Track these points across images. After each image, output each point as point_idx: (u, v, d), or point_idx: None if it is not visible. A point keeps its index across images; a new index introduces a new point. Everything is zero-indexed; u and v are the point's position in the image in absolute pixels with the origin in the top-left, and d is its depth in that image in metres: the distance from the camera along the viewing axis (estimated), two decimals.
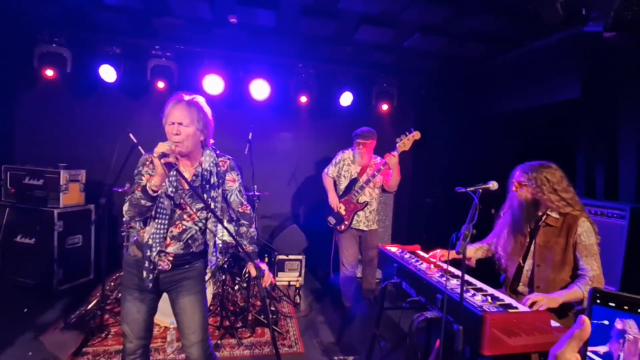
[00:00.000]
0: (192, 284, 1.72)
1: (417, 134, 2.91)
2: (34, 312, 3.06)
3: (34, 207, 3.45)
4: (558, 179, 1.76)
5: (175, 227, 1.64)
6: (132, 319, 1.66)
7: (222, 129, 4.87)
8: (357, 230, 3.20)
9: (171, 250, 1.64)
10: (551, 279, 1.73)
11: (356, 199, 3.14)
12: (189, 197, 1.66)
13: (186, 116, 1.59)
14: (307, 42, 3.69)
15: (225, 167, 1.76)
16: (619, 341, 0.49)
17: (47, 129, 4.08)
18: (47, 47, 3.60)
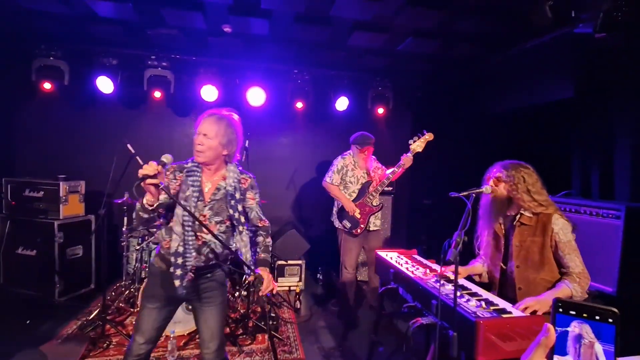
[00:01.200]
0: (216, 294, 1.78)
1: (430, 135, 2.96)
2: (36, 324, 3.08)
3: (35, 218, 3.49)
4: (534, 181, 1.78)
5: (196, 239, 1.66)
6: (148, 326, 1.71)
7: None
8: (367, 231, 3.26)
9: (192, 263, 1.66)
10: (532, 279, 1.74)
11: (370, 202, 3.20)
12: (208, 209, 1.69)
13: (212, 129, 1.65)
14: (301, 48, 3.72)
15: (247, 185, 1.80)
16: (576, 346, 0.52)
17: (47, 141, 4.12)
18: (45, 61, 3.64)
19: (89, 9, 2.96)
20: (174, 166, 1.68)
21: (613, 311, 0.51)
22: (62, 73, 3.70)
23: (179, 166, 1.70)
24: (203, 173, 1.70)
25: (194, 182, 1.65)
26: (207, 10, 2.98)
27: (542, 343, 0.53)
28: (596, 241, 2.34)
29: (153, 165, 1.47)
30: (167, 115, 4.51)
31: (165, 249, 1.68)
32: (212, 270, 1.76)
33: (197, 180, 1.66)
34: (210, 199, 1.68)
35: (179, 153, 4.76)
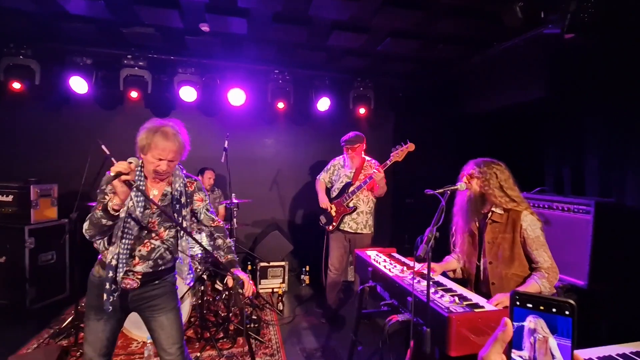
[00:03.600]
0: (167, 300, 1.73)
1: (411, 146, 2.96)
2: (4, 333, 2.95)
3: (3, 224, 3.34)
4: (506, 177, 1.81)
5: (143, 246, 1.64)
6: (96, 338, 1.63)
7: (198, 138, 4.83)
8: (345, 232, 3.24)
9: (140, 269, 1.63)
10: (504, 275, 1.77)
11: (346, 202, 3.19)
12: (157, 216, 1.66)
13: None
14: (281, 48, 3.70)
15: (193, 187, 1.79)
16: (530, 340, 0.51)
17: (16, 143, 3.97)
18: (14, 60, 3.51)
19: (60, 7, 2.86)
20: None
21: (570, 303, 0.49)
22: (32, 72, 3.57)
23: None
24: (147, 180, 1.66)
25: (137, 193, 1.59)
26: (183, 8, 2.93)
27: (499, 338, 0.52)
28: (568, 236, 2.41)
29: (125, 163, 1.41)
30: (144, 115, 4.33)
31: (105, 257, 1.62)
32: (160, 276, 1.71)
33: (141, 188, 1.59)
34: (159, 205, 1.60)
35: None
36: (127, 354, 2.70)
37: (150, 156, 1.58)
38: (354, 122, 4.58)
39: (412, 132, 3.89)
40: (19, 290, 3.29)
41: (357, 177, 3.22)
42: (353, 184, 3.20)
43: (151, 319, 1.72)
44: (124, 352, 2.73)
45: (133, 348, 2.78)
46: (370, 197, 3.25)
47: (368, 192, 3.22)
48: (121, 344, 2.81)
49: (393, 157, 3.00)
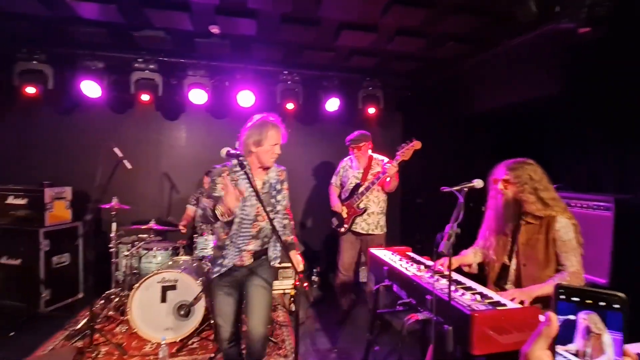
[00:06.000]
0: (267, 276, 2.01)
1: (417, 144, 2.93)
2: (20, 335, 2.97)
3: (19, 227, 3.38)
4: (540, 177, 1.75)
5: (253, 227, 1.94)
6: (225, 312, 1.96)
7: (208, 140, 4.88)
8: (356, 234, 3.20)
9: (251, 248, 1.94)
10: (537, 277, 1.72)
11: (356, 204, 3.15)
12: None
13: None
14: (290, 49, 3.70)
15: (283, 176, 2.08)
16: (585, 337, 0.48)
17: (30, 147, 4.03)
18: (27, 65, 3.56)
19: (72, 11, 2.90)
20: (226, 169, 1.95)
21: (619, 296, 0.47)
22: (45, 77, 3.62)
23: (230, 170, 1.96)
24: (252, 172, 1.95)
25: (248, 183, 1.86)
26: (193, 10, 2.94)
27: (544, 333, 0.50)
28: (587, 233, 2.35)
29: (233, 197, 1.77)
30: (155, 118, 4.45)
31: (223, 240, 1.92)
32: (264, 253, 2.02)
33: (249, 181, 1.85)
34: (261, 193, 1.92)
35: (168, 156, 4.70)
36: (142, 355, 2.70)
37: (267, 145, 1.89)
38: (363, 122, 4.56)
39: (420, 131, 3.85)
40: (33, 293, 3.32)
41: (365, 177, 3.19)
42: (362, 184, 3.17)
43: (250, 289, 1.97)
44: (139, 353, 2.74)
45: (147, 350, 2.79)
46: (381, 197, 3.21)
47: (378, 192, 3.19)
48: (135, 345, 2.83)
49: (399, 156, 2.96)
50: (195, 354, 2.74)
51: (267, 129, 1.91)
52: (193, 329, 2.91)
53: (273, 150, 1.91)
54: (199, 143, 4.62)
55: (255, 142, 1.90)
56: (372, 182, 3.07)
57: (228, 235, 1.90)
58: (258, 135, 1.90)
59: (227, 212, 1.78)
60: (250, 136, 1.91)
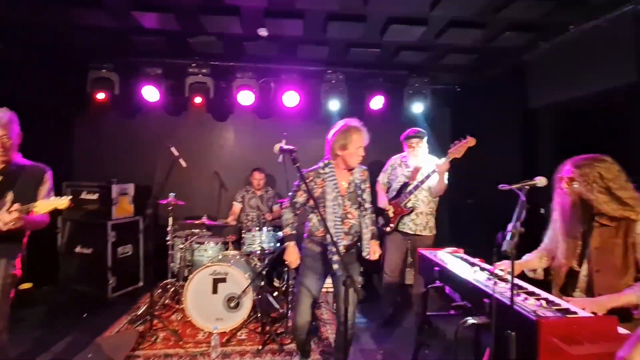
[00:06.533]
0: (355, 267, 2.24)
1: (471, 141, 2.80)
2: (91, 317, 3.29)
3: (90, 220, 3.75)
4: (614, 175, 1.54)
5: (344, 224, 2.12)
6: (312, 287, 2.16)
7: (253, 140, 5.03)
8: (404, 234, 3.10)
9: (344, 244, 2.12)
10: (613, 286, 1.53)
11: (403, 203, 3.06)
12: (348, 200, 2.14)
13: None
14: (334, 48, 3.71)
15: (365, 176, 2.25)
16: None
17: (100, 147, 4.45)
18: (98, 73, 3.93)
19: (136, 22, 3.15)
20: (311, 173, 2.15)
21: None
22: (112, 84, 3.97)
23: (315, 173, 2.16)
24: (337, 173, 2.12)
25: (335, 184, 2.09)
26: (243, 14, 3.06)
27: None
28: None
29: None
30: (206, 120, 4.70)
31: (318, 236, 2.13)
32: (353, 247, 2.20)
33: (336, 182, 2.10)
34: (347, 193, 2.12)
35: (218, 155, 4.92)
36: (195, 342, 2.86)
37: (353, 148, 2.06)
38: (409, 120, 4.43)
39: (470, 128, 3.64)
40: (102, 280, 3.66)
41: (414, 176, 3.09)
42: (410, 183, 3.08)
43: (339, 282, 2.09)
44: (192, 340, 2.90)
45: (200, 338, 2.95)
46: (430, 196, 3.09)
47: (428, 192, 3.07)
48: (189, 333, 3.00)
49: (451, 153, 2.83)
50: (244, 345, 2.84)
51: (351, 133, 2.07)
52: (242, 321, 3.02)
53: (358, 153, 2.07)
54: (245, 143, 4.80)
55: (341, 146, 2.07)
56: (421, 180, 2.97)
57: (320, 234, 2.10)
58: (343, 140, 2.07)
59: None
60: (337, 141, 2.09)
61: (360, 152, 2.10)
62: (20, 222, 1.80)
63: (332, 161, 2.15)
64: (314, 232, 2.17)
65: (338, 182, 2.11)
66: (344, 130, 2.11)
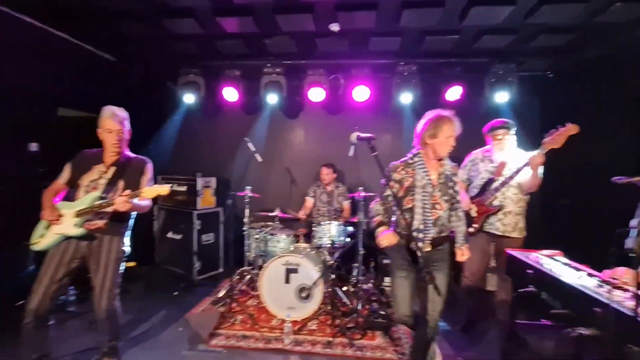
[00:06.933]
0: (444, 264, 2.14)
1: (572, 128, 2.45)
2: (180, 296, 3.67)
3: (180, 208, 4.19)
4: None
5: (432, 215, 2.07)
6: (401, 295, 2.12)
7: (324, 136, 5.09)
8: (489, 235, 2.84)
9: (431, 234, 2.06)
10: None
11: (489, 201, 2.79)
12: (438, 191, 2.09)
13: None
14: (409, 37, 3.56)
15: (455, 171, 2.20)
16: None
17: (186, 144, 4.95)
18: (187, 78, 4.36)
19: (220, 27, 3.41)
20: (401, 164, 2.15)
21: None
22: (199, 87, 4.37)
23: (404, 164, 2.15)
24: (427, 163, 2.10)
25: (425, 172, 2.07)
26: (315, 10, 3.10)
27: None
28: None
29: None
30: (279, 117, 4.91)
31: (404, 226, 2.06)
32: (442, 242, 2.12)
33: (426, 170, 2.08)
34: (438, 183, 2.08)
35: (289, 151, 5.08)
36: (270, 328, 3.01)
37: (442, 137, 2.03)
38: (491, 111, 4.07)
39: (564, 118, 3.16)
40: (189, 263, 4.06)
41: (500, 172, 2.80)
42: (496, 179, 2.80)
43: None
44: (267, 325, 3.05)
45: (274, 323, 3.08)
46: (520, 194, 2.77)
47: (517, 189, 2.77)
48: (264, 318, 3.16)
49: (547, 143, 2.49)
50: (315, 335, 2.90)
51: (441, 122, 2.04)
52: (312, 312, 3.09)
53: (448, 143, 2.04)
54: (315, 139, 4.90)
55: (431, 135, 2.05)
56: (510, 176, 2.68)
57: (407, 222, 2.05)
58: (433, 129, 2.04)
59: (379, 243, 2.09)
60: (427, 130, 2.08)
61: (450, 142, 2.05)
62: (130, 205, 2.08)
63: (421, 151, 2.14)
64: (400, 222, 2.14)
65: (429, 171, 2.09)
66: (434, 119, 2.08)
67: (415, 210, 2.05)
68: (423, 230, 2.04)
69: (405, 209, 2.08)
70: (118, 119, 2.25)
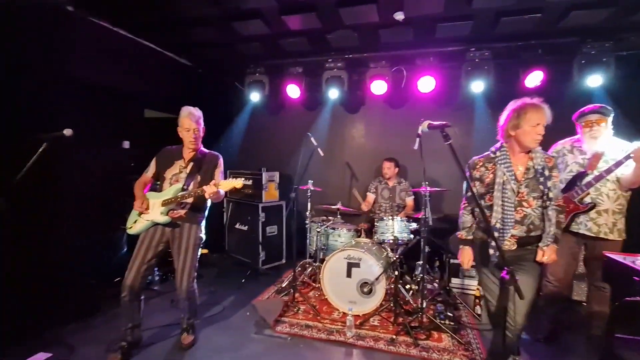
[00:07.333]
0: (532, 265, 1.95)
1: None
2: (247, 283, 3.89)
3: (247, 201, 4.43)
4: None
5: (517, 212, 1.91)
6: (489, 288, 2.02)
7: (386, 130, 4.97)
8: (578, 236, 2.50)
9: (516, 233, 1.91)
10: None
11: (579, 197, 2.46)
12: (525, 187, 1.91)
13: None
14: (481, 20, 3.29)
15: (552, 163, 1.94)
16: None
17: (252, 140, 5.22)
18: (253, 77, 4.57)
19: (285, 25, 3.50)
20: (481, 160, 2.02)
21: None
22: (263, 85, 4.56)
23: (486, 159, 2.01)
24: (512, 157, 1.94)
25: (508, 167, 1.91)
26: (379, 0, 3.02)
27: None
28: None
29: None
30: (339, 112, 4.92)
31: (486, 223, 1.92)
32: (530, 242, 1.93)
33: (509, 165, 1.91)
34: (525, 178, 1.90)
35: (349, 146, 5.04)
36: (331, 320, 3.03)
37: (527, 126, 1.86)
38: (581, 97, 3.57)
39: None
40: (254, 253, 4.28)
41: (594, 164, 2.44)
42: (589, 172, 2.45)
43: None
44: (329, 317, 3.08)
45: (335, 316, 3.11)
46: (619, 190, 2.39)
47: (616, 184, 2.39)
48: (326, 310, 3.20)
49: None
50: (377, 331, 2.85)
51: (524, 110, 1.87)
52: (375, 308, 3.04)
53: (534, 132, 1.85)
54: (376, 133, 4.81)
55: (514, 126, 1.90)
56: (607, 169, 2.32)
57: (488, 221, 1.91)
58: (516, 119, 1.89)
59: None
60: (510, 120, 1.92)
61: (538, 131, 1.85)
62: (217, 192, 2.33)
63: (505, 145, 1.97)
64: (480, 218, 2.03)
65: (513, 166, 1.92)
66: (516, 108, 1.91)
67: (493, 208, 1.92)
68: (501, 230, 1.89)
69: (487, 207, 1.96)
70: (194, 118, 2.47)
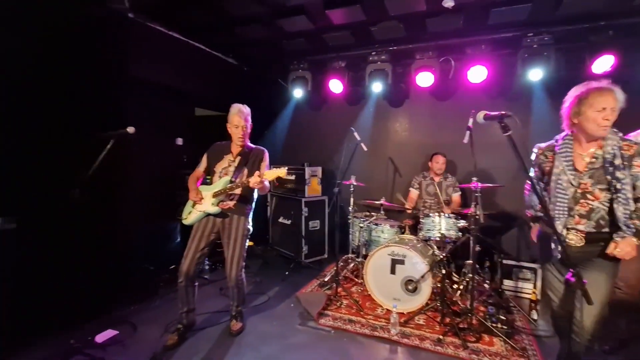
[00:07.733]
0: (604, 262, 1.76)
1: None
2: (291, 275, 3.98)
3: (290, 196, 4.52)
4: None
5: (580, 205, 1.77)
6: (553, 286, 1.94)
7: (432, 123, 4.79)
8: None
9: (582, 228, 1.77)
10: None
11: None
12: (588, 178, 1.76)
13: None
14: (540, 3, 3.04)
15: (632, 151, 1.73)
16: None
17: (295, 136, 5.29)
18: (296, 73, 4.63)
19: (328, 21, 3.49)
20: (542, 148, 1.93)
21: None
22: (306, 81, 4.59)
23: (547, 147, 1.92)
24: (577, 146, 1.81)
25: (567, 157, 1.80)
26: None
27: None
28: None
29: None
30: (382, 106, 4.81)
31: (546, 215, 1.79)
32: (604, 238, 1.74)
33: (569, 155, 1.80)
34: (590, 169, 1.75)
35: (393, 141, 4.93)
36: (375, 316, 3.00)
37: (590, 112, 1.70)
38: None
39: None
40: (298, 246, 4.36)
41: None
42: None
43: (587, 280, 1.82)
44: (372, 313, 3.06)
45: (379, 312, 3.07)
46: None
47: None
48: (369, 306, 3.18)
49: None
50: (422, 330, 2.77)
51: (588, 95, 1.71)
52: (420, 306, 2.96)
53: (599, 117, 1.68)
54: (421, 127, 4.65)
55: (575, 113, 1.76)
56: None
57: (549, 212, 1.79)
58: (578, 105, 1.75)
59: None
60: (572, 107, 1.78)
61: (604, 116, 1.67)
62: (262, 183, 2.42)
63: (569, 134, 1.85)
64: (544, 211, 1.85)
65: (576, 156, 1.79)
66: (579, 94, 1.76)
67: (550, 200, 1.81)
68: (561, 220, 1.78)
69: (548, 197, 1.85)
70: (243, 115, 2.59)
